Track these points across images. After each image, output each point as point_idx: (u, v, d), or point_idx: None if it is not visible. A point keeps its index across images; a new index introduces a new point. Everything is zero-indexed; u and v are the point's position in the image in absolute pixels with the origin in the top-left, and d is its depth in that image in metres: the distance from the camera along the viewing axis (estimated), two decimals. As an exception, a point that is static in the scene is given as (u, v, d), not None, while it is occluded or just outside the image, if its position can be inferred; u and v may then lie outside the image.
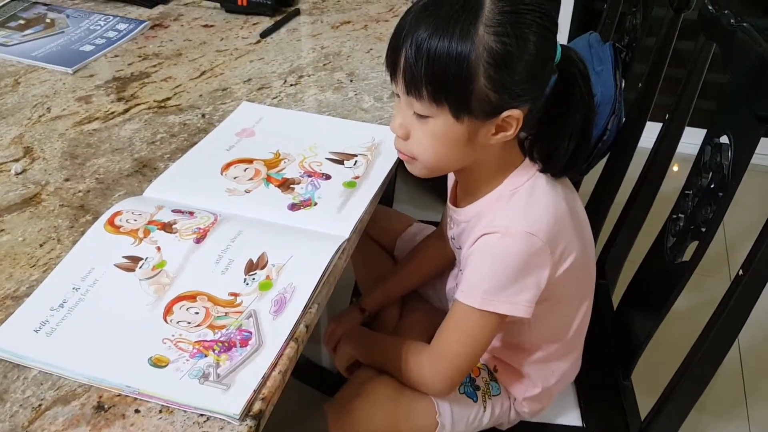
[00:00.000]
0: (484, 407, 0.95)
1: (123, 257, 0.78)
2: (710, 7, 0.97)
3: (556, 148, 0.81)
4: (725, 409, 1.56)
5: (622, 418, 1.05)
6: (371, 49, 1.26)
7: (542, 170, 0.83)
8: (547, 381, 0.96)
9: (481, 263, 0.80)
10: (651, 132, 1.16)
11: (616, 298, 1.19)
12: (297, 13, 1.40)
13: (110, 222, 0.83)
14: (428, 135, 0.77)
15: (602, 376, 1.10)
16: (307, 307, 0.72)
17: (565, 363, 0.96)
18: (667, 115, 1.09)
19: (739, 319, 0.85)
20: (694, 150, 0.94)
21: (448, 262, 1.08)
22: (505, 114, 0.75)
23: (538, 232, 0.78)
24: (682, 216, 0.99)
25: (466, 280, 0.81)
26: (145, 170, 0.95)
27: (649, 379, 1.13)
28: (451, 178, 0.95)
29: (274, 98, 1.11)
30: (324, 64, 1.21)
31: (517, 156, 0.83)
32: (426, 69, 0.72)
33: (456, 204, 0.91)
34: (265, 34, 1.32)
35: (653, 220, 1.19)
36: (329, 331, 1.10)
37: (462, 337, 0.83)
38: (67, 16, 1.36)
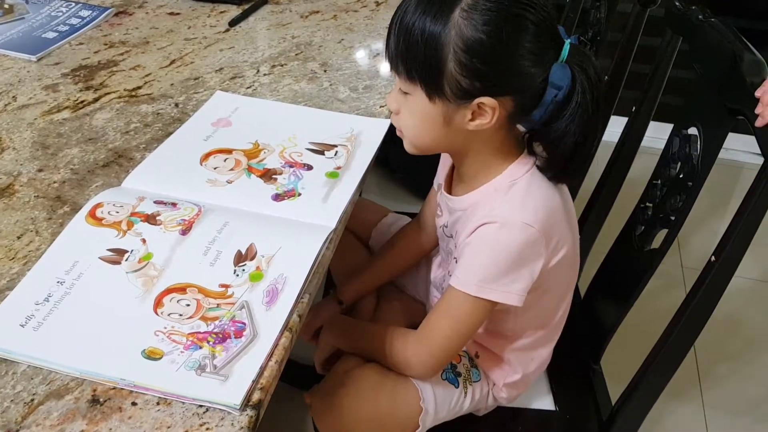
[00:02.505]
0: (465, 393, 0.96)
1: (107, 250, 0.76)
2: (677, 3, 1.01)
3: (554, 148, 0.79)
4: (679, 391, 1.62)
5: (593, 401, 1.08)
6: (342, 40, 1.25)
7: (539, 170, 0.82)
8: (528, 367, 0.98)
9: (480, 252, 0.81)
10: (614, 126, 1.19)
11: (582, 285, 1.22)
12: (264, 1, 1.38)
13: (91, 214, 0.81)
14: (409, 112, 0.80)
15: (573, 361, 1.13)
16: (299, 297, 0.73)
17: (545, 350, 0.99)
18: (634, 108, 1.12)
19: (709, 304, 0.88)
20: (652, 143, 0.97)
21: (425, 253, 1.09)
22: (477, 101, 0.75)
23: (535, 224, 0.79)
24: (651, 205, 1.03)
25: (463, 267, 0.82)
26: (121, 160, 0.93)
27: (609, 363, 1.17)
28: (444, 167, 0.95)
29: (248, 88, 1.10)
30: (296, 54, 1.20)
31: (515, 148, 0.84)
32: (401, 45, 0.75)
33: (450, 192, 0.92)
34: (233, 23, 1.30)
35: (614, 211, 1.23)
36: (306, 322, 1.09)
37: (453, 322, 0.84)
38: (27, 2, 1.31)
